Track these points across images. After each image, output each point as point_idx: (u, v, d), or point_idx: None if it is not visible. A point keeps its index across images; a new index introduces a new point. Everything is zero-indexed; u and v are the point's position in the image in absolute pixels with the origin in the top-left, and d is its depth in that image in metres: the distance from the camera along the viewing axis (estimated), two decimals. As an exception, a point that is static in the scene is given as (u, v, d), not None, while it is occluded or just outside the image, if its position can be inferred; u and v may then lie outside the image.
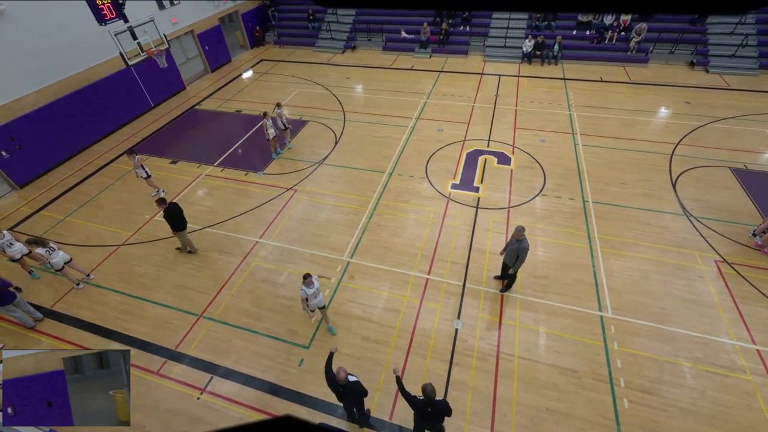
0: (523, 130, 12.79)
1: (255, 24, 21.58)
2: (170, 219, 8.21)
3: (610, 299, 7.42)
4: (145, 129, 14.36)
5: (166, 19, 15.65)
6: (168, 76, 15.98)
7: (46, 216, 10.48)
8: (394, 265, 8.33)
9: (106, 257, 9.05)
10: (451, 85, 16.13)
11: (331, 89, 16.24)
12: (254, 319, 7.46)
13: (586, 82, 15.84)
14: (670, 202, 9.56)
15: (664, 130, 12.52)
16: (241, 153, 12.63)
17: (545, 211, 9.51)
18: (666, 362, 6.41)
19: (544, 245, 8.60)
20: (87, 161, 12.70)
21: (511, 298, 7.54)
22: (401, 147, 12.21)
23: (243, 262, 8.68)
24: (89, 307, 7.94)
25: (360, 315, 7.40)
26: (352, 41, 20.52)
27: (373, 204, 10.00)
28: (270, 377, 6.53)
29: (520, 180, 10.58)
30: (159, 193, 10.73)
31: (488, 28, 19.10)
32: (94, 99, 13.32)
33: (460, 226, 9.22)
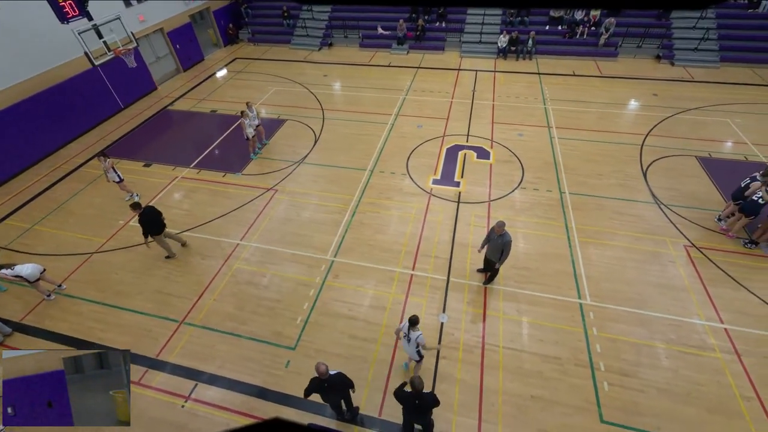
0: (501, 124, 12.99)
1: (228, 21, 21.06)
2: (145, 224, 7.94)
3: (588, 287, 7.65)
4: (116, 131, 13.82)
5: (134, 17, 15.07)
6: (138, 76, 15.42)
7: (12, 225, 9.95)
8: (379, 262, 8.33)
9: (78, 266, 8.68)
10: (429, 81, 16.20)
11: (308, 87, 16.04)
12: (238, 323, 7.32)
13: (559, 76, 16.21)
14: (642, 192, 9.92)
15: (635, 122, 12.97)
16: (218, 154, 12.33)
17: (524, 203, 9.71)
18: (642, 345, 6.67)
19: (525, 237, 8.78)
20: (54, 166, 12.13)
21: (495, 290, 7.67)
22: (382, 144, 12.20)
23: (224, 265, 8.49)
24: (62, 318, 7.61)
25: (346, 314, 7.38)
26: (328, 38, 20.31)
27: (356, 202, 9.96)
28: (256, 380, 6.44)
29: (499, 174, 10.75)
30: (133, 198, 10.37)
31: (463, 24, 19.26)
32: (60, 101, 12.72)
33: (443, 221, 9.30)
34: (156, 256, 8.76)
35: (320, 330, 7.12)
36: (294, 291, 7.85)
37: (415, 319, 5.50)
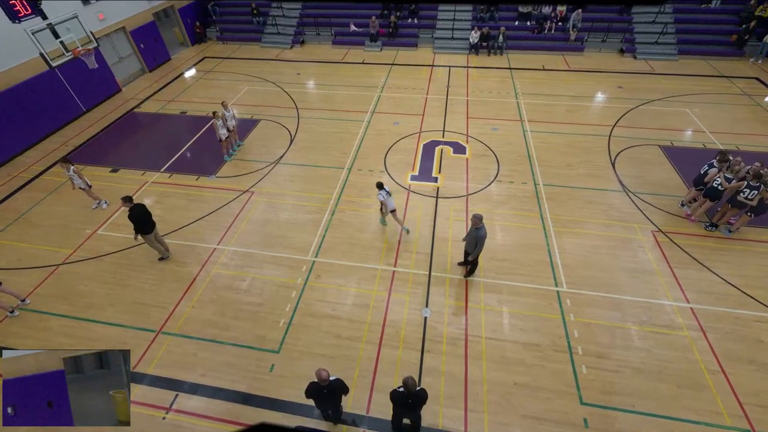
0: (475, 119, 13.19)
1: (194, 19, 20.39)
2: (135, 220, 7.62)
3: (564, 275, 7.90)
4: (78, 136, 13.16)
5: (93, 16, 14.36)
6: (100, 78, 14.72)
7: (-33, 239, 9.32)
8: (361, 261, 8.32)
9: (44, 279, 8.23)
10: (403, 78, 16.24)
11: (282, 86, 15.77)
12: (219, 329, 7.15)
13: (530, 71, 16.60)
14: (612, 181, 10.32)
15: (602, 114, 13.45)
16: (190, 156, 11.94)
17: (501, 196, 9.91)
18: (616, 327, 6.96)
19: (503, 229, 8.97)
20: (11, 175, 11.43)
21: (476, 282, 7.81)
22: (359, 142, 12.15)
23: (202, 270, 8.26)
24: (29, 335, 7.21)
25: (330, 313, 7.33)
26: (300, 36, 20.02)
27: (335, 201, 9.89)
28: (241, 386, 6.31)
29: (475, 168, 10.92)
30: (101, 205, 9.92)
31: (435, 21, 19.40)
32: (14, 105, 11.99)
33: (422, 217, 9.37)
34: (129, 265, 8.43)
35: (304, 331, 7.05)
36: (276, 293, 7.73)
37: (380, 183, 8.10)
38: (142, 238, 7.98)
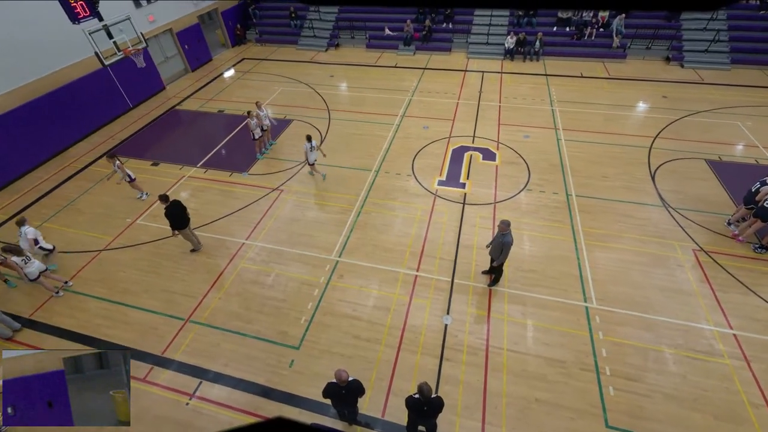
0: (507, 126, 12.94)
1: (236, 22, 21.21)
2: (171, 217, 8.02)
3: (594, 290, 7.58)
4: (124, 131, 13.98)
5: (143, 18, 15.24)
6: (146, 76, 15.58)
7: (22, 222, 10.09)
8: (383, 263, 8.33)
9: (87, 263, 8.78)
10: (435, 82, 16.18)
11: (315, 88, 16.10)
12: (243, 322, 7.36)
13: (567, 77, 16.11)
14: (650, 194, 9.82)
15: (643, 124, 12.84)
16: (224, 153, 12.41)
17: (530, 205, 9.66)
18: (649, 349, 6.59)
19: (531, 239, 8.73)
20: (63, 165, 12.29)
21: (499, 292, 7.64)
22: (387, 145, 12.20)
23: (230, 264, 8.55)
24: (70, 315, 7.71)
25: (350, 314, 7.39)
26: (335, 39, 20.38)
27: (361, 202, 9.97)
28: (261, 379, 6.47)
29: (505, 175, 10.70)
30: (143, 197, 10.48)
31: (471, 25, 19.23)
32: (70, 100, 12.89)
33: (448, 222, 9.28)
34: (163, 254, 8.85)
35: (324, 330, 7.14)
36: (298, 291, 7.88)
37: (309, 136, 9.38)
38: (179, 232, 8.35)
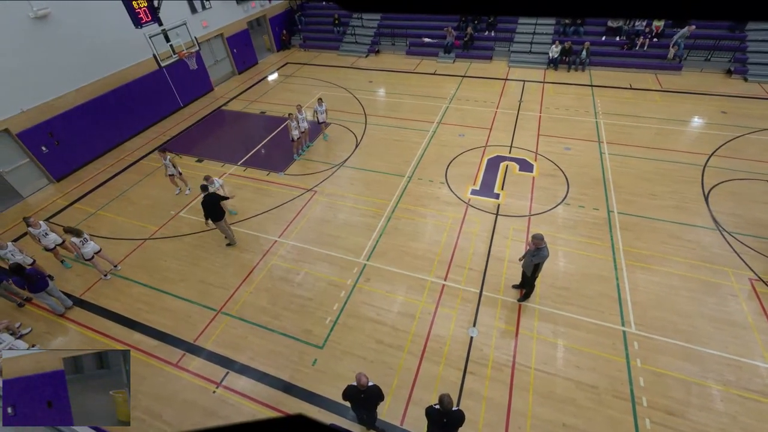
0: (546, 137, 12.54)
1: (282, 28, 22.06)
2: (205, 207, 8.44)
3: (634, 314, 7.14)
4: (174, 128, 14.88)
5: (198, 23, 16.20)
6: (197, 77, 16.52)
7: (80, 209, 10.99)
8: (411, 270, 8.29)
9: (133, 250, 9.39)
10: (473, 90, 16.00)
11: (353, 92, 16.40)
12: (270, 317, 7.57)
13: (614, 89, 15.40)
14: (703, 216, 9.14)
15: (698, 141, 12.01)
16: (263, 153, 12.89)
17: (568, 220, 9.28)
18: (693, 383, 6.10)
19: (566, 256, 8.37)
20: (118, 158, 13.26)
21: (529, 309, 7.37)
22: (421, 151, 12.18)
23: (262, 260, 8.83)
24: (115, 298, 8.26)
25: (374, 318, 7.39)
26: (376, 45, 20.68)
27: (392, 207, 10.00)
28: (284, 375, 6.60)
29: (542, 188, 10.36)
30: (186, 191, 11.08)
31: (514, 34, 18.87)
32: (128, 98, 13.91)
33: (479, 233, 9.10)
34: (201, 246, 9.29)
35: (348, 332, 7.19)
36: (325, 291, 7.99)
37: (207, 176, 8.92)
38: (214, 224, 8.75)
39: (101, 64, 12.88)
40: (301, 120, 11.80)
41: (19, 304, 8.19)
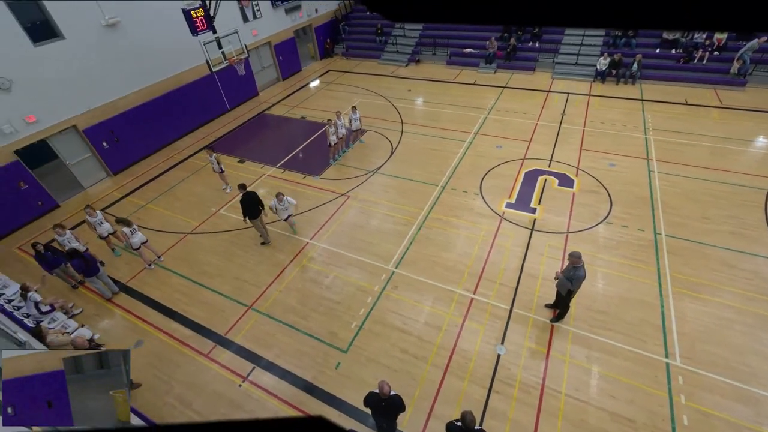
0: (590, 152, 12.02)
1: (326, 37, 22.78)
2: (243, 205, 8.79)
3: (679, 346, 6.63)
4: (220, 129, 15.70)
5: (248, 31, 17.08)
6: (244, 83, 17.36)
7: (132, 201, 11.82)
8: (440, 281, 8.19)
9: (175, 243, 9.95)
10: (514, 102, 15.68)
11: (391, 101, 16.57)
12: (298, 317, 7.73)
13: (667, 104, 14.54)
14: (764, 245, 8.37)
15: (762, 162, 11.05)
16: (301, 157, 13.29)
17: (609, 240, 8.81)
18: (745, 428, 5.55)
19: (605, 277, 7.94)
20: (169, 155, 14.16)
21: (563, 330, 7.04)
22: (457, 161, 12.07)
23: (294, 260, 9.06)
24: (156, 287, 8.77)
25: (400, 326, 7.35)
26: (416, 55, 20.84)
27: (424, 216, 9.96)
28: (307, 376, 6.70)
29: (582, 204, 9.93)
30: (226, 190, 11.63)
31: (559, 45, 18.36)
32: (181, 100, 14.86)
33: (512, 248, 8.84)
34: (238, 244, 9.68)
35: (373, 338, 7.19)
36: (353, 295, 8.06)
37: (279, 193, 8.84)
38: (250, 222, 9.10)
39: (159, 68, 13.87)
40: (339, 126, 12.08)
41: (73, 286, 8.90)
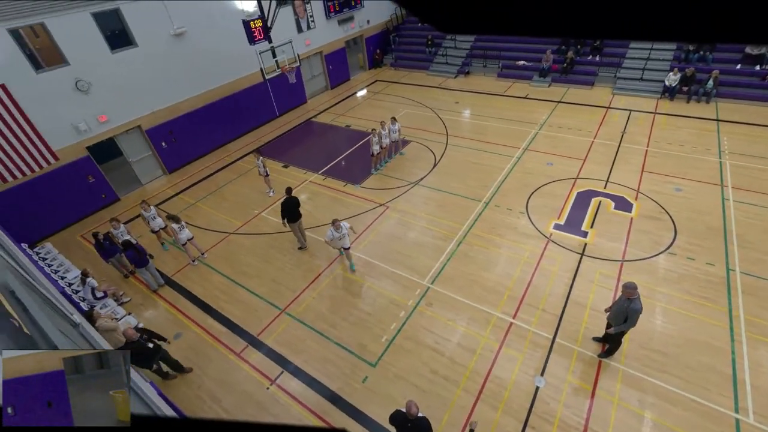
0: (652, 174, 11.22)
1: (376, 47, 23.37)
2: (283, 207, 9.10)
3: (753, 400, 5.89)
4: (268, 134, 16.51)
5: (301, 41, 17.95)
6: (294, 90, 18.19)
7: (183, 199, 12.69)
8: (477, 301, 7.94)
9: (219, 241, 10.51)
10: (569, 117, 15.08)
11: (438, 112, 16.58)
12: (329, 325, 7.81)
13: (748, 125, 13.28)
14: None
15: None
16: (343, 165, 13.61)
17: (671, 273, 8.10)
18: None
19: (665, 314, 7.29)
20: (220, 157, 15.08)
21: (612, 368, 6.52)
22: (503, 177, 11.76)
23: (328, 268, 9.21)
24: (198, 283, 9.27)
25: (432, 345, 7.19)
26: (466, 66, 20.76)
27: (464, 232, 9.76)
28: (333, 386, 6.72)
29: (641, 231, 9.24)
30: (270, 193, 12.14)
31: (623, 59, 17.46)
32: (234, 105, 15.85)
33: (559, 272, 8.39)
34: (276, 246, 10.03)
35: (403, 355, 7.09)
36: (385, 308, 8.02)
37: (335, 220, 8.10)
38: (288, 226, 9.38)
39: (218, 75, 14.92)
40: (383, 136, 12.25)
41: (125, 276, 9.65)
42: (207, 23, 13.79)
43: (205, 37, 13.88)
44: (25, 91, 10.09)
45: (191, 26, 13.33)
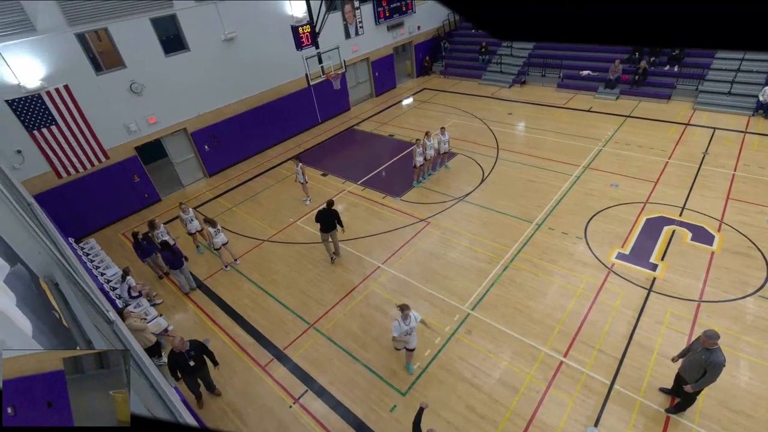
0: (740, 202, 10.30)
1: (425, 54, 23.67)
2: (323, 217, 9.21)
3: None
4: (309, 141, 17.11)
5: (348, 47, 18.58)
6: (338, 97, 18.79)
7: (220, 203, 13.40)
8: (522, 333, 7.60)
9: (251, 248, 10.93)
10: (639, 134, 14.30)
11: (488, 123, 16.38)
12: (359, 345, 7.80)
13: None
14: None
15: None
16: (384, 176, 13.75)
17: (761, 320, 7.31)
18: None
19: (752, 368, 6.56)
20: (259, 162, 15.82)
21: (682, 426, 5.93)
22: (559, 197, 11.31)
23: (362, 283, 9.26)
24: (229, 289, 9.67)
25: (469, 378, 6.95)
26: (522, 75, 20.43)
27: (511, 255, 9.45)
28: (358, 411, 6.66)
29: (724, 268, 8.46)
30: (306, 201, 12.50)
31: (707, 70, 16.38)
32: (277, 111, 16.64)
33: (620, 308, 7.86)
34: (308, 257, 10.26)
35: (437, 386, 6.90)
36: (420, 332, 7.85)
37: (404, 305, 6.41)
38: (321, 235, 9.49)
39: (263, 80, 15.78)
40: (428, 147, 12.27)
41: (159, 276, 10.28)
42: (256, 28, 14.69)
43: (254, 42, 14.78)
44: (85, 92, 11.24)
45: (241, 31, 14.26)
